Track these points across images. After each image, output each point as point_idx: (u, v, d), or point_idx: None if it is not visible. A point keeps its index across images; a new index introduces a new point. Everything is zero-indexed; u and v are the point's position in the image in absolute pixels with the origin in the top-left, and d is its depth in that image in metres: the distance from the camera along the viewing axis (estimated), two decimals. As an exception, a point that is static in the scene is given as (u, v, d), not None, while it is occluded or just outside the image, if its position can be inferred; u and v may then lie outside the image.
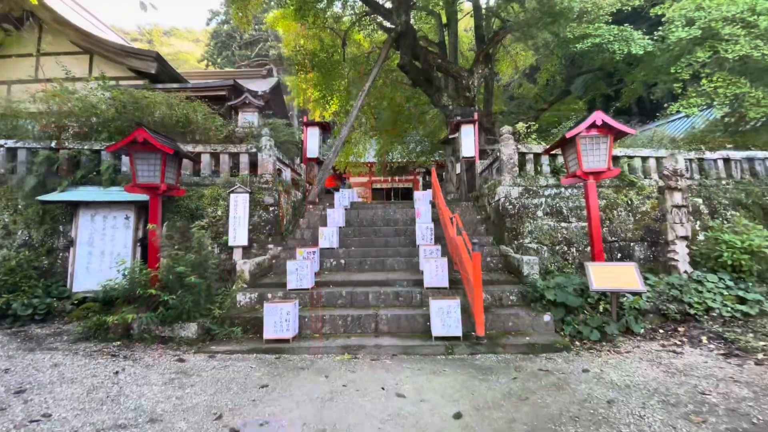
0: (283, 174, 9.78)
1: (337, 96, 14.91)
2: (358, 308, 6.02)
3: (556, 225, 8.31)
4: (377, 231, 8.95)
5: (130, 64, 14.03)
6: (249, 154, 8.90)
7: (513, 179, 8.47)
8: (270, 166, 8.73)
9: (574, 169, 6.57)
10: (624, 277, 5.43)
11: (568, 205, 8.47)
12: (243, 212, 8.34)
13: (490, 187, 9.25)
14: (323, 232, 8.26)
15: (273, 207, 8.53)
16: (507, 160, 8.54)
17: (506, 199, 8.29)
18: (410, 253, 8.07)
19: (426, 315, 5.58)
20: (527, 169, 8.73)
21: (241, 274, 6.75)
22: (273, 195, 8.57)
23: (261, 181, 8.67)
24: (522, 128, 9.07)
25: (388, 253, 8.10)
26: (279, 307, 5.28)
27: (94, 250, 8.01)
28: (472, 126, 11.38)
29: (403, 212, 9.73)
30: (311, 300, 6.22)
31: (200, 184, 8.70)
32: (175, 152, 6.61)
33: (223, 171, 8.84)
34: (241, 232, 8.27)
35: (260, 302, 6.28)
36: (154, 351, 5.48)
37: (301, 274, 6.33)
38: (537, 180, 8.59)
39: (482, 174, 10.81)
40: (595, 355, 4.93)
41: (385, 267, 7.62)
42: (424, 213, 9.00)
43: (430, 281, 6.22)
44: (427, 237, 8.08)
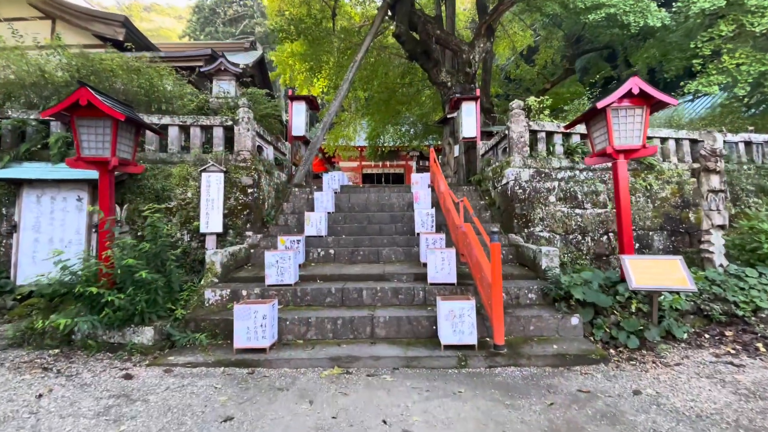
0: (265, 152, 8.61)
1: (326, 70, 13.58)
2: (350, 308, 5.01)
3: (570, 212, 7.38)
4: (371, 217, 7.90)
5: (94, 29, 12.50)
6: (224, 127, 7.69)
7: (523, 160, 7.48)
8: (248, 142, 7.55)
9: (601, 146, 5.59)
10: (669, 274, 4.50)
11: (583, 189, 7.54)
12: (217, 194, 7.19)
13: (496, 170, 8.24)
14: (310, 217, 7.18)
15: (252, 189, 7.38)
16: (517, 139, 7.52)
17: (516, 183, 7.30)
18: (409, 242, 7.05)
19: (432, 317, 4.60)
20: (539, 149, 7.74)
21: (211, 266, 5.65)
22: (252, 175, 7.42)
23: (238, 159, 7.50)
24: (534, 103, 8.03)
25: (383, 242, 7.07)
26: (253, 310, 4.22)
27: (41, 236, 6.80)
28: (474, 104, 10.31)
29: (398, 196, 8.68)
30: (294, 298, 5.18)
31: (167, 161, 7.48)
32: (129, 119, 5.40)
33: (195, 147, 7.63)
34: (215, 217, 7.13)
35: (233, 300, 5.21)
36: (98, 363, 4.39)
37: (282, 267, 5.26)
38: (549, 161, 7.62)
39: (484, 156, 9.80)
40: (640, 368, 4.02)
41: (381, 258, 6.59)
42: (423, 197, 7.96)
43: (435, 276, 5.22)
44: (427, 224, 7.06)
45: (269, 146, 8.79)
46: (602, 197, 7.59)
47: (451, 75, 12.00)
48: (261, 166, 7.84)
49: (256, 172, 7.53)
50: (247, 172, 7.42)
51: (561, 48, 14.70)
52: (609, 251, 7.37)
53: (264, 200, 7.84)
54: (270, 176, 8.33)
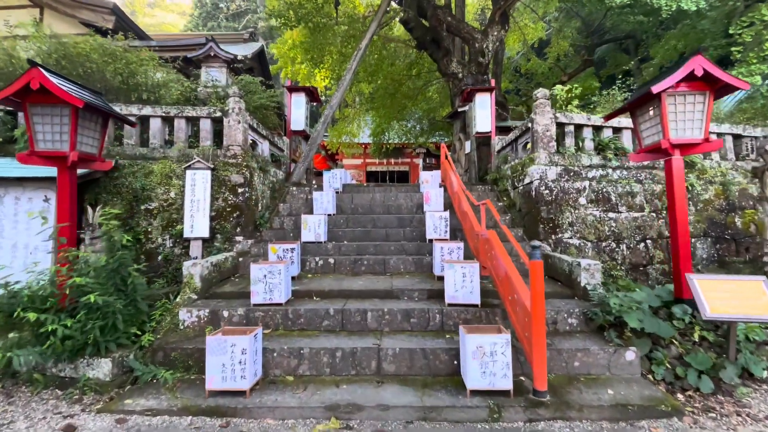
0: (259, 147, 7.68)
1: (329, 60, 12.58)
2: (352, 334, 4.08)
3: (603, 216, 6.41)
4: (376, 220, 6.96)
5: (82, 17, 11.60)
6: (212, 119, 6.77)
7: (549, 156, 6.50)
8: (239, 136, 6.63)
9: (652, 140, 4.61)
10: (751, 298, 3.54)
11: (617, 190, 6.56)
12: (203, 194, 6.29)
13: (515, 168, 7.27)
14: (307, 221, 6.25)
15: (243, 188, 6.47)
16: (542, 133, 6.55)
17: (541, 182, 6.33)
18: (419, 249, 6.11)
19: (452, 350, 3.67)
20: (566, 144, 6.76)
21: (190, 280, 4.74)
22: (243, 172, 6.50)
23: (227, 154, 6.58)
24: (561, 92, 7.05)
25: (390, 249, 6.13)
26: (230, 343, 3.31)
27: (4, 242, 5.92)
28: (488, 95, 9.33)
29: (406, 197, 7.74)
30: (285, 321, 4.26)
31: (148, 157, 6.58)
32: (92, 107, 4.50)
33: (179, 141, 6.71)
34: (201, 220, 6.23)
35: (213, 323, 4.31)
36: (41, 404, 3.51)
37: (271, 283, 4.34)
38: (579, 158, 6.64)
39: (501, 153, 8.82)
40: (724, 425, 3.07)
41: (388, 268, 5.66)
42: (435, 198, 7.01)
43: (455, 295, 4.28)
44: (440, 229, 6.12)
45: (264, 141, 7.86)
46: (638, 199, 6.61)
47: (462, 65, 11.00)
48: (254, 162, 6.92)
49: (248, 170, 6.61)
50: (238, 169, 6.51)
51: (578, 38, 13.62)
52: (647, 261, 6.40)
53: (257, 201, 6.92)
54: (264, 174, 7.41)
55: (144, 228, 6.25)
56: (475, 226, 5.37)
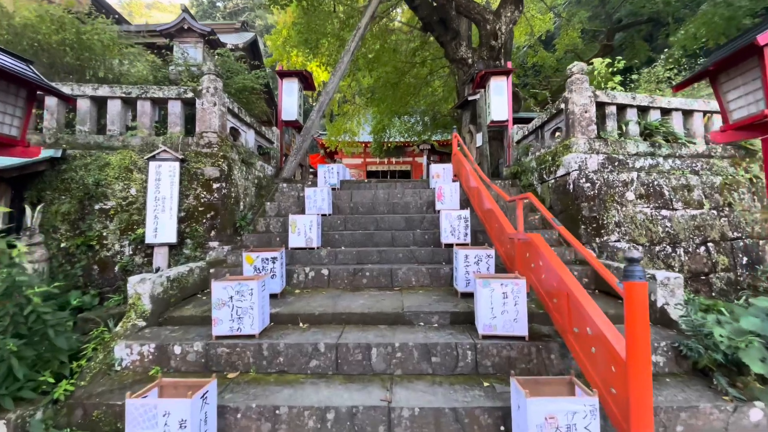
0: (242, 137, 6.48)
1: (325, 43, 11.34)
2: (350, 381, 2.87)
3: (654, 213, 5.21)
4: (379, 221, 5.75)
5: None
6: (182, 101, 5.58)
7: (589, 143, 5.30)
8: (215, 121, 5.43)
9: (748, 111, 3.40)
10: None
11: (670, 183, 5.35)
12: (170, 191, 5.09)
13: (543, 159, 6.07)
14: (296, 222, 5.04)
15: (219, 183, 5.27)
16: (580, 114, 5.35)
17: (580, 174, 5.13)
18: (433, 256, 4.90)
19: (498, 409, 2.46)
20: (608, 128, 5.56)
21: (136, 301, 3.53)
22: (219, 165, 5.31)
23: (200, 143, 5.38)
24: (600, 66, 5.85)
25: (398, 256, 4.91)
26: (161, 411, 2.10)
27: None
28: (505, 79, 8.13)
29: (414, 194, 6.53)
30: (258, 359, 3.04)
31: (105, 146, 5.39)
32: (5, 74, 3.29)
33: (143, 127, 5.52)
34: (167, 223, 5.03)
35: (161, 360, 3.10)
36: None
37: (240, 308, 3.13)
38: (624, 145, 5.44)
39: (521, 143, 7.62)
40: None
41: (396, 281, 4.44)
42: (449, 194, 5.81)
43: (492, 324, 3.06)
44: (459, 231, 4.91)
45: (249, 130, 6.66)
46: (696, 194, 5.40)
47: (473, 50, 9.81)
48: (234, 153, 5.72)
49: (226, 161, 5.41)
50: (213, 160, 5.31)
51: (597, 23, 12.42)
52: (709, 268, 5.19)
53: (238, 199, 5.72)
54: (248, 168, 6.21)
55: (97, 232, 5.05)
56: (506, 227, 4.16)
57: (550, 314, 3.09)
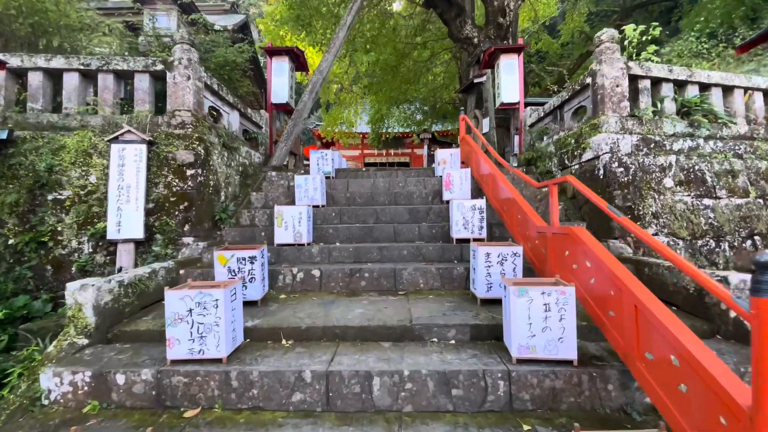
0: (225, 118, 5.70)
1: (318, 21, 10.42)
2: (342, 426, 2.14)
3: (696, 203, 4.49)
4: (379, 213, 5.01)
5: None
6: (151, 74, 4.79)
7: (621, 122, 4.56)
8: (189, 97, 4.65)
9: None
10: None
11: (712, 168, 4.64)
12: (135, 178, 4.33)
13: (565, 142, 5.33)
14: (282, 214, 4.29)
15: (195, 169, 4.51)
16: (610, 89, 4.60)
17: (612, 157, 4.40)
18: (443, 253, 4.17)
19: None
20: (641, 105, 4.81)
21: (76, 313, 2.78)
22: (195, 148, 4.54)
23: (172, 123, 4.60)
24: (632, 34, 5.09)
25: (402, 254, 4.18)
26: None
27: None
28: (516, 57, 7.35)
29: (418, 182, 5.79)
30: (225, 392, 2.31)
31: (61, 126, 4.60)
32: None
33: (105, 104, 4.73)
34: (132, 215, 4.28)
35: (100, 393, 2.37)
36: None
37: (202, 324, 2.39)
38: (660, 124, 4.70)
39: (535, 127, 6.88)
40: None
41: (400, 283, 3.71)
42: (459, 182, 5.07)
43: (529, 344, 2.32)
44: (473, 224, 4.18)
45: (232, 111, 5.87)
46: (741, 180, 4.69)
47: (479, 29, 9.00)
48: (212, 135, 4.95)
49: (202, 145, 4.64)
50: (187, 142, 4.53)
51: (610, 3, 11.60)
52: (757, 265, 4.50)
53: (218, 188, 4.96)
54: (231, 153, 5.44)
55: (51, 226, 4.29)
56: (533, 219, 3.43)
57: (603, 330, 2.37)
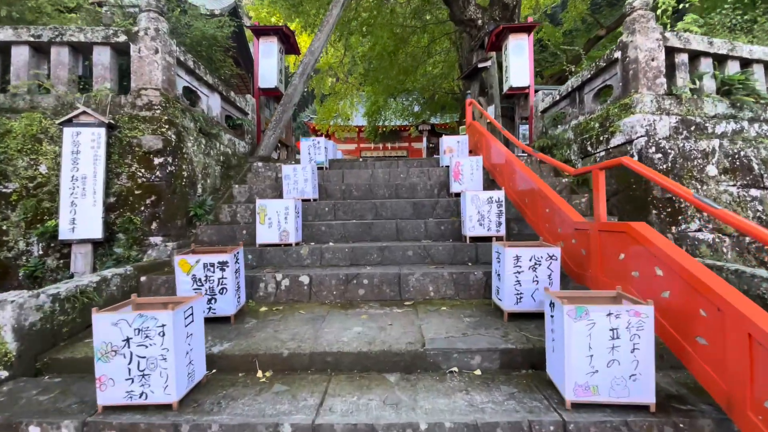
0: (203, 102, 5.01)
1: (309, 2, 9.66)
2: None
3: (742, 194, 3.90)
4: (379, 208, 4.37)
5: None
6: (113, 47, 4.09)
7: (657, 101, 3.94)
8: (157, 74, 3.96)
9: None
10: None
11: (759, 154, 4.03)
12: (93, 168, 3.66)
13: (587, 126, 4.71)
14: (266, 209, 3.63)
15: (164, 157, 3.83)
16: (645, 62, 3.97)
17: (649, 141, 3.78)
18: (455, 254, 3.54)
19: None
20: (678, 82, 4.19)
21: (-11, 338, 2.13)
22: (164, 133, 3.86)
23: (137, 103, 3.92)
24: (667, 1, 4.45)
25: (406, 255, 3.54)
26: None
27: None
28: (526, 38, 6.70)
29: (422, 173, 5.14)
30: (175, 451, 1.68)
31: (6, 107, 3.90)
32: None
33: (59, 82, 4.03)
34: (89, 212, 3.61)
35: (6, 452, 1.73)
36: None
37: (144, 359, 1.75)
38: (700, 104, 4.09)
39: (547, 112, 6.25)
40: None
41: (406, 292, 3.08)
42: (470, 171, 4.44)
43: (591, 383, 1.70)
44: (490, 220, 3.55)
45: (212, 93, 5.18)
46: (795, 167, 4.09)
47: (483, 10, 8.33)
48: (187, 119, 4.27)
49: (174, 129, 3.96)
50: (155, 126, 3.86)
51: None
52: (813, 265, 3.92)
53: (193, 179, 4.29)
54: (210, 141, 4.77)
55: (-8, 226, 3.61)
56: (568, 213, 2.81)
57: (685, 361, 1.75)
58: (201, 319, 2.00)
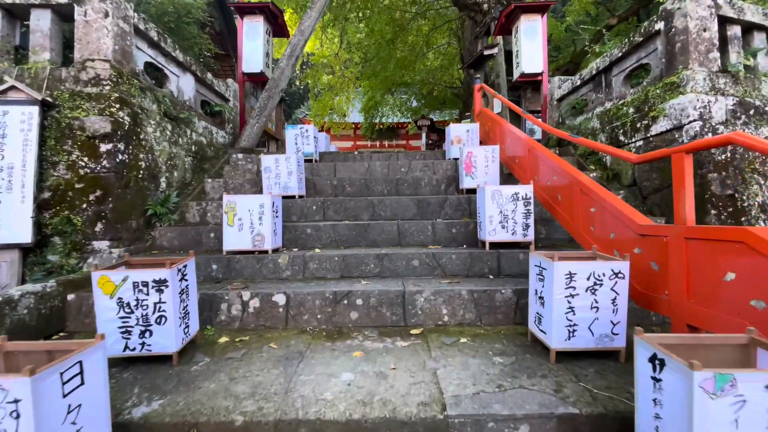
0: (172, 83, 4.25)
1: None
2: None
3: (812, 191, 3.22)
4: (377, 206, 3.65)
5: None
6: (53, 9, 3.33)
7: (711, 79, 3.25)
8: (107, 42, 3.22)
9: None
10: None
11: (829, 143, 3.36)
12: (21, 155, 2.92)
13: (616, 114, 4.02)
14: (235, 206, 2.89)
15: (115, 144, 3.09)
16: (696, 34, 3.28)
17: (705, 127, 3.10)
18: (471, 264, 2.82)
19: None
20: (732, 59, 3.50)
21: None
22: (114, 113, 3.12)
23: (82, 78, 3.18)
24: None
25: (411, 266, 2.82)
26: None
27: None
28: (539, 19, 6.00)
29: (426, 166, 4.43)
30: None
31: None
32: None
33: (-15, 52, 3.29)
34: (15, 210, 2.88)
35: None
36: None
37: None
38: (758, 84, 3.41)
39: (563, 101, 5.57)
40: None
41: (413, 317, 2.36)
42: (484, 162, 3.73)
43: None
44: (515, 221, 2.84)
45: (184, 73, 4.43)
46: None
47: (489, -8, 7.63)
48: (147, 100, 3.53)
49: (128, 110, 3.22)
50: (103, 105, 3.12)
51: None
52: None
53: (154, 172, 3.55)
54: (179, 127, 4.03)
55: None
56: (627, 213, 2.12)
57: None
58: (101, 376, 1.28)
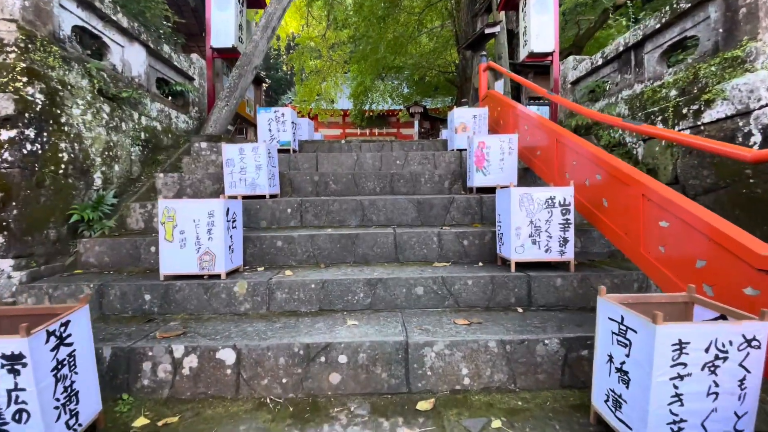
0: (114, 54, 3.40)
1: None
2: None
3: None
4: (367, 208, 2.92)
5: None
6: (-72, -55, 2.48)
7: (787, 51, 2.58)
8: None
9: None
10: None
11: None
12: None
13: (652, 97, 3.34)
14: (175, 215, 2.13)
15: (21, 130, 2.28)
16: (769, -7, 2.59)
17: (780, 111, 2.42)
18: (493, 292, 2.12)
19: None
20: (805, 28, 2.85)
21: None
22: (21, 90, 2.30)
23: (-30, 39, 2.34)
24: None
25: (414, 295, 2.12)
26: None
27: None
28: (551, -10, 5.25)
29: (425, 159, 3.71)
30: None
31: None
32: None
33: None
34: None
35: None
36: None
37: None
38: (840, 59, 2.75)
39: (578, 84, 4.87)
40: None
41: (419, 382, 1.67)
42: (499, 155, 3.02)
43: None
44: (550, 235, 2.15)
45: (131, 43, 3.57)
46: None
47: (491, -36, 6.81)
48: (72, 74, 2.70)
49: (41, 85, 2.40)
50: (5, 78, 2.29)
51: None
52: None
53: (83, 166, 2.75)
54: (122, 109, 3.20)
55: None
56: (737, 239, 1.43)
57: None
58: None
